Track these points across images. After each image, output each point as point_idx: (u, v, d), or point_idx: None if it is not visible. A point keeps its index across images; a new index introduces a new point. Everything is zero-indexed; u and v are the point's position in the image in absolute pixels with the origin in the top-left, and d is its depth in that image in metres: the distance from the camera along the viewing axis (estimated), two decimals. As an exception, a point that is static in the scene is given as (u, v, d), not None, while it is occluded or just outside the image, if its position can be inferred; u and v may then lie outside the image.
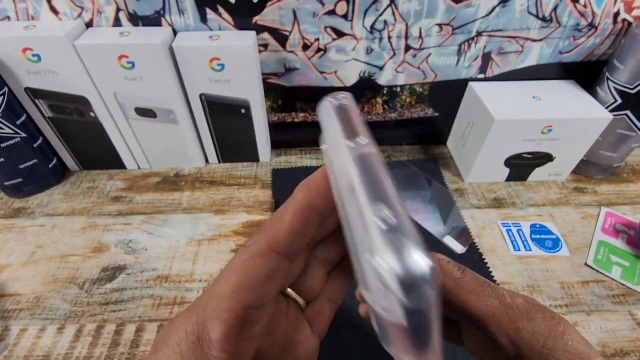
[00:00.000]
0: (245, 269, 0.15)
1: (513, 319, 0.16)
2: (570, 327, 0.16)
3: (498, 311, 0.16)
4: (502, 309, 0.16)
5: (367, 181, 0.12)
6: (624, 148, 0.45)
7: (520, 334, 0.16)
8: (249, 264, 0.15)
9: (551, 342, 0.15)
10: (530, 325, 0.16)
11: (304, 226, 0.16)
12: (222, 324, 0.14)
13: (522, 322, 0.16)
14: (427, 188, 0.47)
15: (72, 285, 0.36)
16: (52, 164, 0.46)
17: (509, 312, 0.16)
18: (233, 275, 0.15)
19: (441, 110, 0.50)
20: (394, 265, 0.10)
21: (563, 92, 0.45)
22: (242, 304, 0.14)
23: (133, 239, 0.41)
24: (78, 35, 0.38)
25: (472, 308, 0.17)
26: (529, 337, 0.15)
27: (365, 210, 0.11)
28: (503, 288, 0.17)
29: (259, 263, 0.15)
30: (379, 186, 0.12)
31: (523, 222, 0.43)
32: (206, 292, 0.15)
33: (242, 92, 0.42)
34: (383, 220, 0.11)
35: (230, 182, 0.48)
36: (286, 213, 0.16)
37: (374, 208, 0.11)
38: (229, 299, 0.14)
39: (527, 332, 0.16)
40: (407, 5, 0.39)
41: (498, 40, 0.43)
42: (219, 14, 0.40)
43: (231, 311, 0.14)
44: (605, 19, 0.41)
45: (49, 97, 0.41)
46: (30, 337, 0.33)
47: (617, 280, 0.37)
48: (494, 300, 0.17)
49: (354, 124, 0.14)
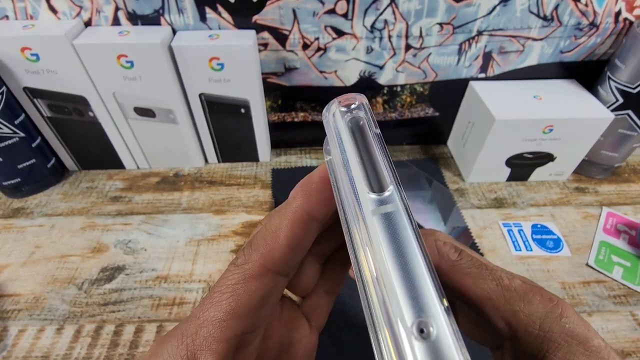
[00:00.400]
0: (237, 293, 0.14)
1: (510, 301, 0.16)
2: (569, 309, 0.15)
3: (495, 294, 0.16)
4: (499, 291, 0.16)
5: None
6: (626, 148, 0.45)
7: (516, 317, 0.15)
8: (242, 289, 0.14)
9: (548, 325, 0.15)
10: (527, 307, 0.15)
11: (303, 240, 0.15)
12: (214, 356, 0.13)
13: (519, 304, 0.15)
14: (428, 188, 0.47)
15: (71, 286, 0.36)
16: (51, 163, 0.46)
17: (505, 294, 0.16)
18: (224, 301, 0.14)
19: (442, 110, 0.50)
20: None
21: (564, 91, 0.45)
22: (235, 333, 0.13)
23: (132, 239, 0.41)
24: (77, 35, 0.38)
25: (468, 291, 0.16)
26: (526, 319, 0.15)
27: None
28: (501, 269, 0.17)
29: (254, 287, 0.14)
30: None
31: (524, 222, 0.43)
32: (195, 317, 0.14)
33: (242, 91, 0.42)
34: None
35: (230, 182, 0.48)
36: (282, 225, 0.14)
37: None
38: (221, 329, 0.13)
39: (523, 315, 0.15)
40: (408, 5, 0.39)
41: (499, 40, 0.43)
42: (218, 13, 0.39)
43: (223, 342, 0.13)
44: (606, 18, 0.41)
45: (47, 97, 0.41)
46: (29, 337, 0.33)
47: (619, 281, 0.37)
48: (491, 282, 0.16)
49: (375, 160, 0.11)
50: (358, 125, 0.12)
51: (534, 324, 0.15)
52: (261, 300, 0.14)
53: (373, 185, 0.10)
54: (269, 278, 0.14)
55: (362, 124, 0.12)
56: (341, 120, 0.12)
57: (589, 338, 0.14)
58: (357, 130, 0.12)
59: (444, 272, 0.17)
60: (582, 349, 0.14)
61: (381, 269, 0.09)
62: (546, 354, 0.15)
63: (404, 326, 0.08)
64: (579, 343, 0.14)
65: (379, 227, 0.10)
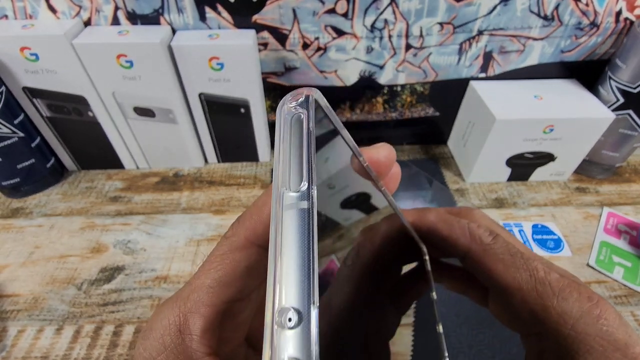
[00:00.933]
0: (224, 263, 0.15)
1: (542, 296, 0.15)
2: (611, 310, 0.14)
3: (526, 285, 0.15)
4: (532, 283, 0.15)
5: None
6: (626, 148, 0.45)
7: (547, 313, 0.14)
8: (229, 259, 0.15)
9: (582, 326, 0.14)
10: (560, 304, 0.14)
11: None
12: (202, 319, 0.14)
13: (552, 300, 0.14)
14: (428, 188, 0.47)
15: (70, 286, 0.36)
16: (50, 163, 0.46)
17: (538, 287, 0.15)
18: (212, 269, 0.15)
19: (442, 109, 0.50)
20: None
21: (565, 91, 0.45)
22: (222, 299, 0.14)
23: (132, 239, 0.41)
24: (76, 34, 0.38)
25: (498, 277, 0.16)
26: (557, 317, 0.14)
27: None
28: (540, 259, 0.16)
29: (238, 257, 0.15)
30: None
31: (524, 222, 0.43)
32: (189, 283, 0.15)
33: (242, 91, 0.42)
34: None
35: (229, 182, 0.48)
36: (267, 202, 0.15)
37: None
38: (209, 294, 0.14)
39: (555, 312, 0.14)
40: (408, 4, 0.39)
41: (499, 39, 0.42)
42: (218, 13, 0.39)
43: (211, 306, 0.14)
44: (607, 17, 0.41)
45: (47, 97, 0.41)
46: (29, 338, 0.32)
47: (619, 281, 0.37)
48: (524, 273, 0.15)
49: (291, 156, 0.12)
50: (289, 121, 0.12)
51: (565, 323, 0.14)
52: (246, 270, 0.15)
53: (284, 180, 0.11)
54: (254, 250, 0.15)
55: (294, 118, 0.12)
56: (279, 114, 0.12)
57: (629, 345, 0.13)
58: (287, 125, 0.12)
59: (475, 256, 0.17)
60: (620, 355, 0.13)
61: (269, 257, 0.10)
62: (575, 356, 0.14)
63: (271, 314, 0.09)
64: (617, 349, 0.13)
65: (281, 221, 0.11)
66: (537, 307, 0.15)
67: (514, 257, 0.16)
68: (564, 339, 0.14)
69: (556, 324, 0.14)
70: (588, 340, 0.14)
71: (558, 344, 0.14)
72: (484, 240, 0.17)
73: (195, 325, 0.14)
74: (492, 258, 0.16)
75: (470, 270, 0.18)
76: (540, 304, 0.15)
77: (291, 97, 0.12)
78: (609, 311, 0.14)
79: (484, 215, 0.20)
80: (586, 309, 0.14)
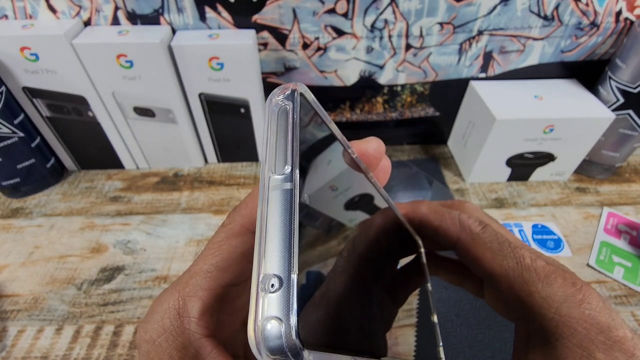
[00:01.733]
0: (221, 249, 0.15)
1: (527, 282, 0.15)
2: (594, 295, 0.14)
3: (513, 272, 0.16)
4: (518, 270, 0.16)
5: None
6: (626, 148, 0.45)
7: (531, 298, 0.15)
8: (225, 245, 0.15)
9: (565, 309, 0.14)
10: (545, 289, 0.15)
11: None
12: (200, 302, 0.14)
13: (537, 285, 0.15)
14: (428, 188, 0.47)
15: (70, 286, 0.36)
16: (50, 163, 0.46)
17: (524, 274, 0.15)
18: (210, 255, 0.15)
19: (442, 109, 0.50)
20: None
21: (565, 91, 0.45)
22: (219, 283, 0.15)
23: (132, 239, 0.41)
24: (76, 34, 0.38)
25: (487, 265, 0.16)
26: (541, 301, 0.15)
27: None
28: (527, 248, 0.17)
29: (234, 244, 0.15)
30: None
31: (525, 222, 0.43)
32: (188, 270, 0.16)
33: (242, 91, 0.42)
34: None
35: (229, 182, 0.48)
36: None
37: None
38: (207, 279, 0.15)
39: (539, 296, 0.15)
40: (408, 4, 0.39)
41: (499, 39, 0.42)
42: (218, 13, 0.39)
43: (209, 290, 0.15)
44: (607, 17, 0.41)
45: (47, 97, 0.41)
46: (29, 338, 0.32)
47: (620, 281, 0.37)
48: (511, 260, 0.16)
49: (273, 144, 0.12)
50: (276, 112, 0.13)
51: (549, 306, 0.14)
52: (242, 256, 0.15)
53: (270, 165, 0.12)
54: (249, 236, 0.15)
55: (281, 110, 0.13)
56: (267, 107, 0.13)
57: (612, 327, 0.14)
58: (274, 116, 0.13)
59: (464, 245, 0.17)
60: (603, 338, 0.13)
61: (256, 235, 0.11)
62: (559, 339, 0.14)
63: (257, 281, 0.10)
64: (600, 332, 0.14)
65: (267, 200, 0.11)
66: (523, 292, 0.15)
67: (501, 245, 0.17)
68: (548, 322, 0.14)
69: (540, 308, 0.15)
70: (571, 323, 0.14)
71: (543, 327, 0.15)
72: (473, 229, 0.18)
73: (193, 308, 0.14)
74: (481, 247, 0.17)
75: (461, 259, 0.19)
76: (526, 289, 0.15)
77: (279, 91, 0.13)
78: (593, 295, 0.14)
79: (475, 208, 0.21)
80: (570, 293, 0.14)
